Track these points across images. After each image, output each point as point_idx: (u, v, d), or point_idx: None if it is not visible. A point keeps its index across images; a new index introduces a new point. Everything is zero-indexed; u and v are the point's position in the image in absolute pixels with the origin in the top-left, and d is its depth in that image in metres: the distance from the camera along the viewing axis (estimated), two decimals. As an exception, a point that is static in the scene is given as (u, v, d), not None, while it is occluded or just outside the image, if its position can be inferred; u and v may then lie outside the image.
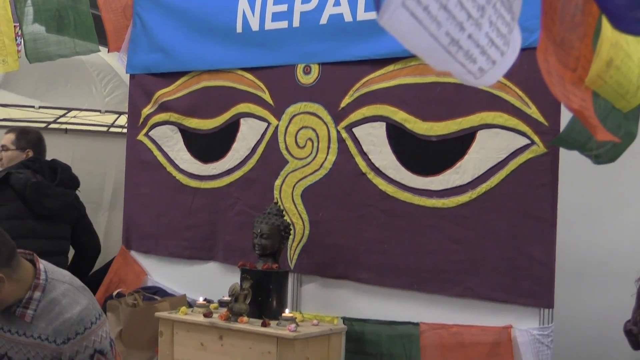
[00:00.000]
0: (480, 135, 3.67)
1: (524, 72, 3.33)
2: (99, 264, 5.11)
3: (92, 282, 4.95)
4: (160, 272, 4.88)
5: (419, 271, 3.84)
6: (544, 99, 3.42)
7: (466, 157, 3.71)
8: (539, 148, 3.50)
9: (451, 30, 1.33)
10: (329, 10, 4.01)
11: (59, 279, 2.36)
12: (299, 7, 4.10)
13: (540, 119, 3.49)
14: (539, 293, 3.49)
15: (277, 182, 4.32)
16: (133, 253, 4.99)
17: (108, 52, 5.02)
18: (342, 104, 4.08)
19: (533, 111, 3.51)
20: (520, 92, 3.54)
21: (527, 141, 3.54)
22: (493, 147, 3.62)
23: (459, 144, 3.72)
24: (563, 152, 3.41)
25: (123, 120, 5.66)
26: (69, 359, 2.36)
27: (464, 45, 1.37)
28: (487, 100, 3.62)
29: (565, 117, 2.89)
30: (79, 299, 2.37)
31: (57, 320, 2.33)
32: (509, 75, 3.43)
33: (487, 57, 1.44)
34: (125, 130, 5.34)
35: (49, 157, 5.10)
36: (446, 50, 1.35)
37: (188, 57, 4.58)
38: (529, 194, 3.53)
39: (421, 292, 3.84)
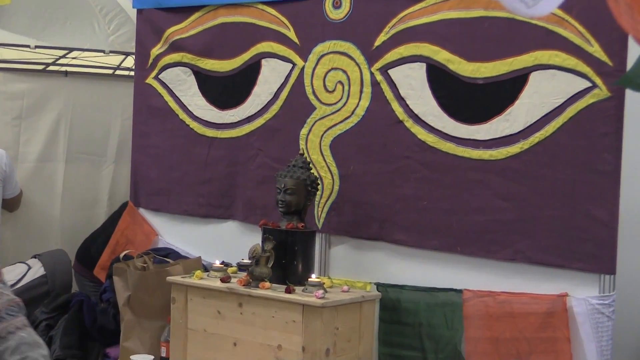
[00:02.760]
0: (534, 77, 3.66)
1: (586, 3, 3.34)
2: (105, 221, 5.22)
3: (97, 243, 5.16)
4: (173, 232, 4.94)
5: (462, 232, 3.86)
6: (609, 34, 3.40)
7: (517, 102, 3.71)
8: (602, 92, 3.48)
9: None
10: None
11: None
12: None
13: (604, 58, 3.47)
14: (599, 257, 3.50)
15: (303, 131, 4.34)
16: (142, 211, 5.06)
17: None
18: (377, 43, 4.08)
19: (595, 49, 3.49)
20: (580, 27, 3.52)
21: (588, 84, 3.52)
22: (548, 91, 3.62)
23: (510, 87, 3.72)
24: (629, 96, 3.39)
25: (130, 61, 5.66)
26: None
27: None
28: (542, 37, 3.61)
29: (633, 54, 2.87)
30: None
31: None
32: (567, 8, 3.47)
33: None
34: (132, 73, 5.34)
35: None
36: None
37: (203, -12, 4.61)
38: (589, 145, 3.54)
39: (465, 255, 3.86)
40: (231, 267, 4.25)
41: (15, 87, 5.35)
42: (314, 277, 3.88)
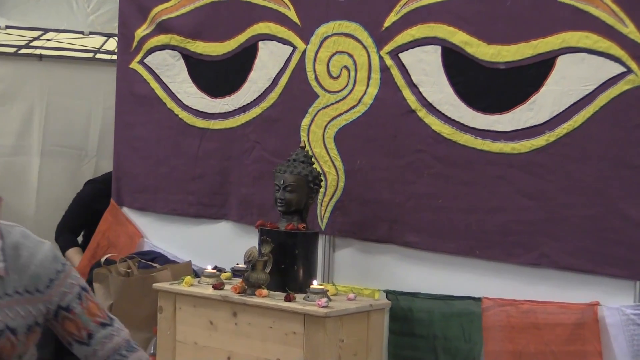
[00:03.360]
0: (562, 61, 3.67)
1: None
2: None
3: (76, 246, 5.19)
4: (160, 234, 4.96)
5: (481, 233, 3.87)
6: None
7: (543, 89, 3.72)
8: (637, 77, 3.49)
9: None
10: None
11: (6, 223, 2.40)
12: None
13: (640, 39, 3.48)
14: (634, 261, 3.51)
15: (305, 122, 4.36)
16: (126, 210, 5.07)
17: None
18: (386, 23, 4.09)
19: (631, 30, 3.49)
20: (613, 6, 3.52)
21: (622, 69, 3.52)
22: (577, 76, 3.63)
23: (534, 73, 3.73)
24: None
25: (112, 44, 5.68)
26: (57, 307, 2.42)
27: None
28: (571, 17, 3.61)
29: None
30: (38, 238, 2.45)
31: (31, 264, 2.38)
32: (599, -17, 3.48)
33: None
34: (114, 57, 5.38)
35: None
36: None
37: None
38: (623, 137, 3.54)
39: (484, 259, 3.88)
40: (225, 272, 4.26)
41: (-18, 72, 5.39)
42: (316, 284, 3.89)
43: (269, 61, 4.47)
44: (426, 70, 4.00)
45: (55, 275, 2.41)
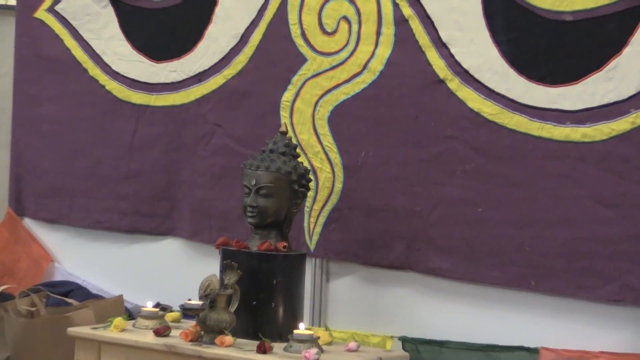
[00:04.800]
0: (655, 11, 3.65)
1: None
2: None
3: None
4: (78, 257, 4.97)
5: (539, 256, 3.88)
6: None
7: (626, 50, 3.72)
8: None
9: None
10: None
11: None
12: None
13: None
14: None
15: (287, 97, 4.38)
16: (29, 223, 5.13)
17: None
18: (403, -45, 4.10)
19: None
20: None
21: None
22: (677, 32, 3.63)
23: (615, 27, 3.74)
24: None
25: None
26: None
27: None
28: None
29: None
30: None
31: None
32: None
33: None
34: (11, 2, 5.32)
35: None
36: None
37: None
38: None
39: (543, 293, 3.90)
40: (171, 311, 4.27)
41: None
42: (302, 328, 3.87)
43: (235, 9, 4.50)
44: (460, 23, 4.02)
45: None
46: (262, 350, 3.80)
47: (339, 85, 4.27)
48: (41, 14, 4.97)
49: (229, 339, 3.85)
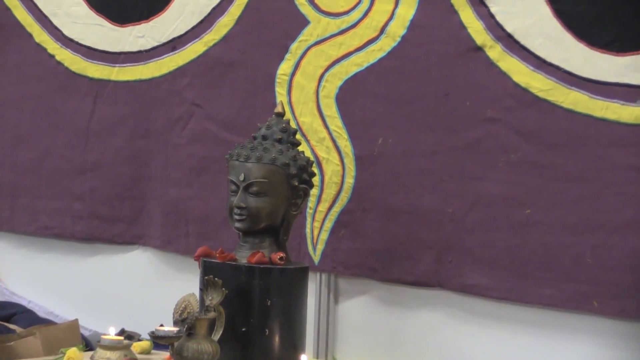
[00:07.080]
0: None
1: None
2: None
3: None
4: (22, 272, 4.93)
5: (603, 271, 3.66)
6: None
7: None
8: None
9: None
10: None
11: None
12: None
13: None
14: None
15: (284, 69, 4.24)
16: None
17: None
18: None
19: None
20: None
21: None
22: None
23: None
24: None
25: None
26: None
27: None
28: None
29: None
30: None
31: None
32: None
33: None
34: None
35: None
36: None
37: None
38: None
39: (609, 316, 3.66)
40: (139, 340, 4.10)
41: None
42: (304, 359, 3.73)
43: (217, -40, 4.37)
44: (504, -24, 3.81)
45: None
46: (254, 389, 3.58)
47: (349, 54, 4.09)
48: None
49: (211, 375, 3.61)
